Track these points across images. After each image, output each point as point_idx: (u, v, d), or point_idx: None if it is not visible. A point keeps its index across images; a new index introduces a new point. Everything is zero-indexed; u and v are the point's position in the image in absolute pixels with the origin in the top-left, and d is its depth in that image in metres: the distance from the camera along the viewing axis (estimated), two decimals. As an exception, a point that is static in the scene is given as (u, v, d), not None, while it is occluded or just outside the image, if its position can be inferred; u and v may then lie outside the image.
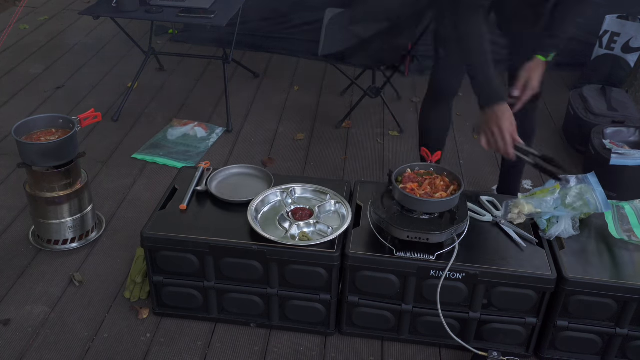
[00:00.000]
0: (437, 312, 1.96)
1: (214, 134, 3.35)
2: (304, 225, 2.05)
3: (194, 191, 2.21)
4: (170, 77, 4.08)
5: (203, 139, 3.31)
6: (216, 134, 3.35)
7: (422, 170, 2.08)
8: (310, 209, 2.10)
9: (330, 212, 2.14)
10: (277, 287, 2.07)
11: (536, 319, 2.00)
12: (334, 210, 2.14)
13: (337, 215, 2.13)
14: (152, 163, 3.10)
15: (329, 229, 2.03)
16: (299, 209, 2.11)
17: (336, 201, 2.14)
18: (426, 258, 1.93)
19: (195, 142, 3.28)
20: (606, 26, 3.86)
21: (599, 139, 2.98)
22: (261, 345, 2.11)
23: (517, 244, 2.02)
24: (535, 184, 3.05)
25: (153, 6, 3.31)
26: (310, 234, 2.03)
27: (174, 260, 2.06)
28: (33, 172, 2.35)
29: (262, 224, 2.06)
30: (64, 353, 2.05)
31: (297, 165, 3.16)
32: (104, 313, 2.21)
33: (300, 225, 2.04)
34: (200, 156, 3.18)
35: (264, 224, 2.06)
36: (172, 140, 3.29)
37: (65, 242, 2.49)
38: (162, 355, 2.06)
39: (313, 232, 2.05)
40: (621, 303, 1.91)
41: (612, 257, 1.99)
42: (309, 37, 4.18)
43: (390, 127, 3.54)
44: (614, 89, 3.43)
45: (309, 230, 2.04)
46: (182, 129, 3.38)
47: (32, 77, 4.02)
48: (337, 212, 2.14)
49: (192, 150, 3.22)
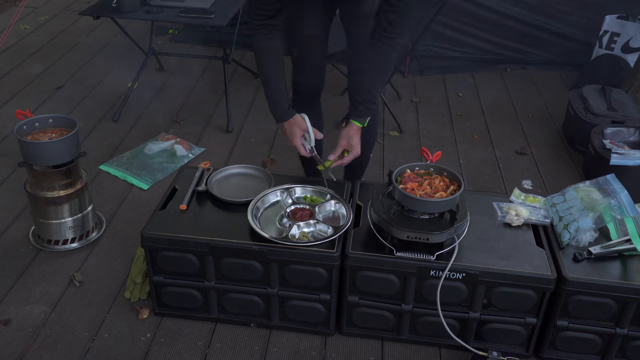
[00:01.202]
0: (437, 312, 1.96)
1: (191, 154, 3.19)
2: (304, 225, 2.05)
3: (194, 191, 2.22)
4: (170, 77, 4.08)
5: (181, 157, 3.14)
6: (192, 154, 3.19)
7: (422, 170, 2.08)
8: (310, 209, 2.11)
9: (330, 212, 2.14)
10: (277, 287, 2.07)
11: (536, 319, 2.00)
12: (333, 210, 2.14)
13: (336, 215, 2.13)
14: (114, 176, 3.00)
15: (329, 229, 2.03)
16: (299, 209, 2.11)
17: (336, 201, 2.14)
18: (426, 258, 1.93)
19: (171, 159, 3.12)
20: (606, 26, 3.86)
21: (599, 139, 2.98)
22: (261, 345, 2.11)
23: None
24: (535, 185, 3.05)
25: (153, 6, 3.31)
26: (310, 234, 2.03)
27: (174, 260, 2.06)
28: (34, 172, 2.35)
29: (262, 223, 2.06)
30: (64, 353, 2.05)
31: (297, 165, 3.16)
32: (104, 313, 2.21)
33: (300, 225, 2.04)
34: (170, 173, 3.03)
35: (264, 224, 2.06)
36: (149, 155, 3.16)
37: (66, 242, 2.49)
38: (162, 355, 2.06)
39: (313, 232, 2.05)
40: (621, 303, 1.91)
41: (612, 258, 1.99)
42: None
43: (390, 127, 3.54)
44: (614, 89, 3.43)
45: (309, 230, 2.04)
46: (162, 144, 3.24)
47: (32, 77, 4.02)
48: (337, 212, 2.14)
49: (168, 167, 3.06)
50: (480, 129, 3.57)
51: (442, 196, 1.95)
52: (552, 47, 4.18)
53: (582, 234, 2.00)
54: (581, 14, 4.09)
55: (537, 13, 4.09)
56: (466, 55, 4.24)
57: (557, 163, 3.26)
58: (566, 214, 2.07)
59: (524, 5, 4.07)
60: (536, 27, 4.12)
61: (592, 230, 2.01)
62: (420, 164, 2.10)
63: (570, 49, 4.19)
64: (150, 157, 3.14)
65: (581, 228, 2.00)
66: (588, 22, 4.05)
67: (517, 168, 3.20)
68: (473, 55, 4.24)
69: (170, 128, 3.46)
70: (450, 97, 3.95)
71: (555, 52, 4.21)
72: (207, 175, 2.28)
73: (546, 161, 3.27)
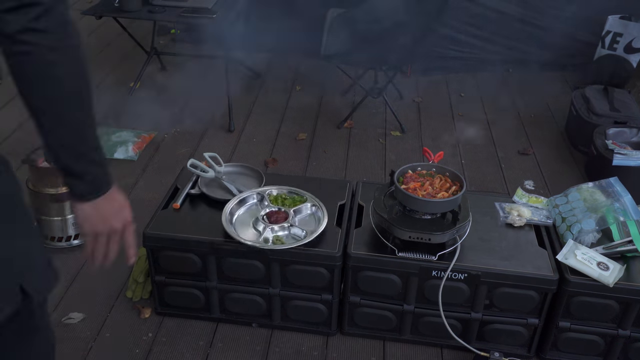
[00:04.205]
0: (438, 312, 1.96)
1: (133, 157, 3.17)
2: (278, 229, 2.01)
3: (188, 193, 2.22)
4: (172, 77, 4.08)
5: (122, 152, 3.17)
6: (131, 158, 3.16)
7: (424, 171, 2.08)
8: (286, 211, 2.08)
9: (307, 215, 2.12)
10: (278, 287, 2.07)
11: (538, 320, 1.99)
12: (310, 213, 2.12)
13: (313, 219, 2.11)
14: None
15: (303, 232, 2.01)
16: (274, 212, 2.08)
17: (312, 204, 2.13)
18: (428, 258, 1.93)
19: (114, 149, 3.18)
20: (609, 26, 3.85)
21: (602, 140, 2.98)
22: (263, 345, 2.11)
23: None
24: (537, 185, 3.05)
25: (155, 6, 3.31)
26: (284, 238, 2.00)
27: (176, 259, 2.06)
28: (36, 169, 2.36)
29: (237, 226, 2.04)
30: (65, 352, 2.05)
31: (299, 165, 3.16)
32: (106, 312, 2.21)
33: (275, 228, 2.01)
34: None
35: (240, 227, 2.04)
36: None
37: (69, 238, 2.50)
38: (164, 355, 2.06)
39: (287, 235, 2.02)
40: (623, 304, 1.91)
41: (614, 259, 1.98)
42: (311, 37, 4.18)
43: (392, 127, 3.54)
44: (617, 90, 3.42)
45: (283, 234, 2.02)
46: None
47: (34, 77, 4.02)
48: (313, 215, 2.12)
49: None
50: (482, 129, 3.56)
51: (444, 196, 1.95)
52: (554, 47, 4.17)
53: (585, 235, 2.00)
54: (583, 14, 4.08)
55: (540, 13, 4.08)
56: (468, 56, 4.23)
57: (559, 163, 3.26)
58: (569, 215, 2.07)
59: (527, 6, 4.06)
60: (539, 28, 4.11)
61: (595, 232, 2.01)
62: (423, 164, 2.09)
63: (572, 50, 4.18)
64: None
65: (584, 229, 1.99)
66: (591, 22, 4.04)
67: (519, 168, 3.20)
68: (475, 55, 4.23)
69: (172, 128, 3.46)
70: (452, 97, 3.94)
71: (558, 52, 4.20)
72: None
73: (548, 162, 3.27)
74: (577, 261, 1.91)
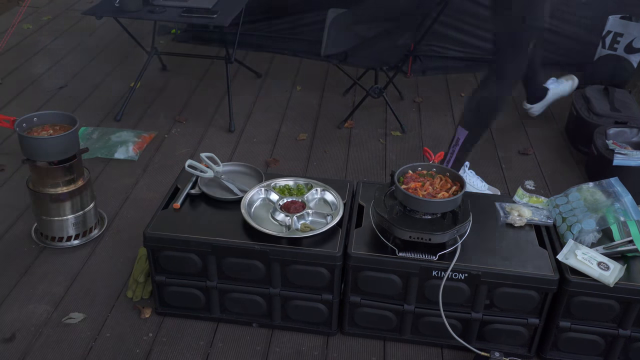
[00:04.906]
0: (439, 312, 1.96)
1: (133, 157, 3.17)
2: (300, 217, 2.06)
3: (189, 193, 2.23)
4: (173, 77, 4.09)
5: (122, 152, 3.17)
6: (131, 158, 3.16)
7: (425, 171, 2.08)
8: (302, 200, 2.12)
9: (317, 199, 2.18)
10: (279, 287, 2.07)
11: (538, 320, 1.99)
12: (319, 197, 2.18)
13: (323, 202, 2.17)
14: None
15: (324, 216, 2.07)
16: (290, 202, 2.12)
17: (319, 187, 2.18)
18: (428, 258, 1.93)
19: (114, 149, 3.19)
20: (609, 26, 3.85)
21: (602, 140, 2.98)
22: (263, 345, 2.11)
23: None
24: (538, 185, 3.04)
25: (156, 6, 3.31)
26: (311, 225, 2.05)
27: (177, 259, 2.06)
28: (37, 169, 2.36)
29: (256, 222, 2.05)
30: (66, 352, 2.05)
31: (299, 165, 3.16)
32: (106, 312, 2.21)
33: (297, 217, 2.05)
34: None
35: (259, 222, 2.05)
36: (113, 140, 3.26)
37: (69, 239, 2.50)
38: (164, 355, 2.06)
39: (312, 222, 2.07)
40: (624, 304, 1.91)
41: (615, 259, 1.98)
42: (312, 37, 4.18)
43: (393, 127, 3.54)
44: (617, 90, 3.42)
45: (308, 220, 2.08)
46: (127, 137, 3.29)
47: (35, 77, 4.03)
48: (322, 198, 2.18)
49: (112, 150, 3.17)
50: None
51: (444, 196, 1.95)
52: (554, 47, 4.16)
53: (585, 235, 2.00)
54: (584, 14, 4.09)
55: (540, 13, 4.08)
56: (469, 55, 4.23)
57: (560, 163, 3.26)
58: (569, 215, 2.07)
59: (527, 6, 4.06)
60: (539, 28, 4.11)
61: (595, 232, 2.01)
62: (423, 164, 2.09)
63: (573, 50, 4.18)
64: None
65: (584, 229, 1.99)
66: (591, 22, 4.04)
67: (520, 168, 3.20)
68: (475, 55, 4.23)
69: (172, 128, 3.46)
70: (452, 97, 3.94)
71: (558, 52, 4.20)
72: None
73: (548, 162, 3.27)
74: (578, 261, 1.91)
